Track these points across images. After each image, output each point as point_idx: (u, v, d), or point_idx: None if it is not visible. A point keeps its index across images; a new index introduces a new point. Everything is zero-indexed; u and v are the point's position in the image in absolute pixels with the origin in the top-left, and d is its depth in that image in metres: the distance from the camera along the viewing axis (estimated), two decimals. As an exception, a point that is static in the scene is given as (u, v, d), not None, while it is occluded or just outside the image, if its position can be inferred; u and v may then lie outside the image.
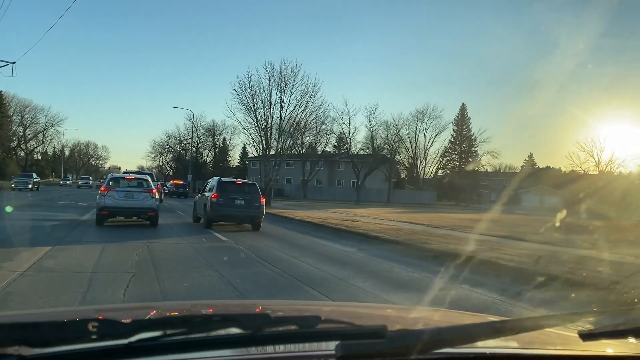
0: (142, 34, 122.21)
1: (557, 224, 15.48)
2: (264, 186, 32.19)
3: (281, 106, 35.84)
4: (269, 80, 36.05)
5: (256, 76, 36.91)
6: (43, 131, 77.22)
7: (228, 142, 77.66)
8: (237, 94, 36.24)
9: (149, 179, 15.94)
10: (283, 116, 35.86)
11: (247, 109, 35.91)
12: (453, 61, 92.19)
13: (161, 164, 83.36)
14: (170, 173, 76.73)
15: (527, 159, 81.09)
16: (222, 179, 16.62)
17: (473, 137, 66.86)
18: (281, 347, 1.24)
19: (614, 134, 59.05)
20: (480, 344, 1.22)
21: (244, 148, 76.40)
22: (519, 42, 70.35)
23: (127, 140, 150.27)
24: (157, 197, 15.25)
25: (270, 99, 35.81)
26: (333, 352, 1.07)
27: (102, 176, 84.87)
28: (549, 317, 1.86)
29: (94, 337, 1.05)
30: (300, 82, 36.11)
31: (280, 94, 35.88)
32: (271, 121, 35.86)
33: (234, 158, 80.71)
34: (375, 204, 46.29)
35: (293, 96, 36.05)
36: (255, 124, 35.97)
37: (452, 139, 68.26)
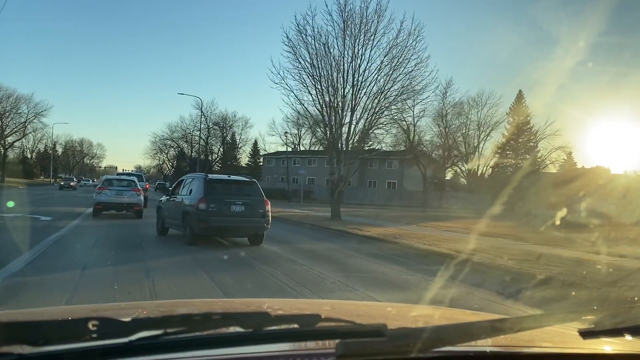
0: (142, 18, 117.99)
1: None
2: (333, 188, 23.38)
3: (358, 66, 22.16)
4: (343, 24, 21.70)
5: (323, 16, 24.18)
6: (25, 122, 63.39)
7: (238, 138, 70.70)
8: (292, 47, 22.15)
9: (136, 180, 20.42)
10: (359, 82, 22.21)
11: (303, 68, 22.29)
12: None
13: (161, 162, 78.19)
14: (171, 172, 72.01)
15: (565, 158, 68.90)
16: (210, 176, 12.75)
17: (533, 130, 52.34)
18: (281, 346, 1.24)
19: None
20: (480, 342, 1.22)
21: (255, 144, 71.06)
22: (518, 39, 69.36)
23: (125, 137, 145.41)
24: (143, 194, 19.34)
25: (344, 53, 22.14)
26: (333, 350, 1.07)
27: (75, 175, 76.30)
28: (549, 316, 1.86)
29: (94, 335, 1.06)
30: (385, 29, 21.80)
31: (356, 47, 22.00)
32: (344, 90, 22.27)
33: (246, 153, 73.45)
34: (435, 211, 36.80)
35: (373, 51, 22.00)
36: (320, 93, 22.37)
37: (507, 133, 53.28)
